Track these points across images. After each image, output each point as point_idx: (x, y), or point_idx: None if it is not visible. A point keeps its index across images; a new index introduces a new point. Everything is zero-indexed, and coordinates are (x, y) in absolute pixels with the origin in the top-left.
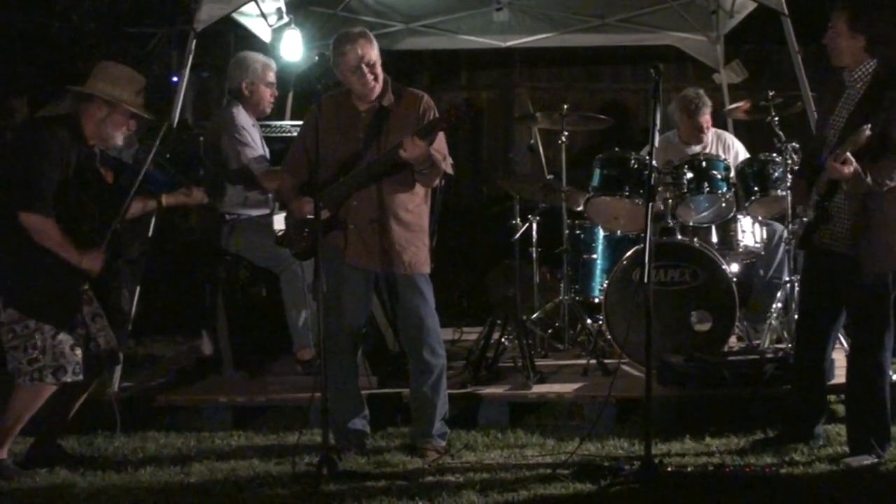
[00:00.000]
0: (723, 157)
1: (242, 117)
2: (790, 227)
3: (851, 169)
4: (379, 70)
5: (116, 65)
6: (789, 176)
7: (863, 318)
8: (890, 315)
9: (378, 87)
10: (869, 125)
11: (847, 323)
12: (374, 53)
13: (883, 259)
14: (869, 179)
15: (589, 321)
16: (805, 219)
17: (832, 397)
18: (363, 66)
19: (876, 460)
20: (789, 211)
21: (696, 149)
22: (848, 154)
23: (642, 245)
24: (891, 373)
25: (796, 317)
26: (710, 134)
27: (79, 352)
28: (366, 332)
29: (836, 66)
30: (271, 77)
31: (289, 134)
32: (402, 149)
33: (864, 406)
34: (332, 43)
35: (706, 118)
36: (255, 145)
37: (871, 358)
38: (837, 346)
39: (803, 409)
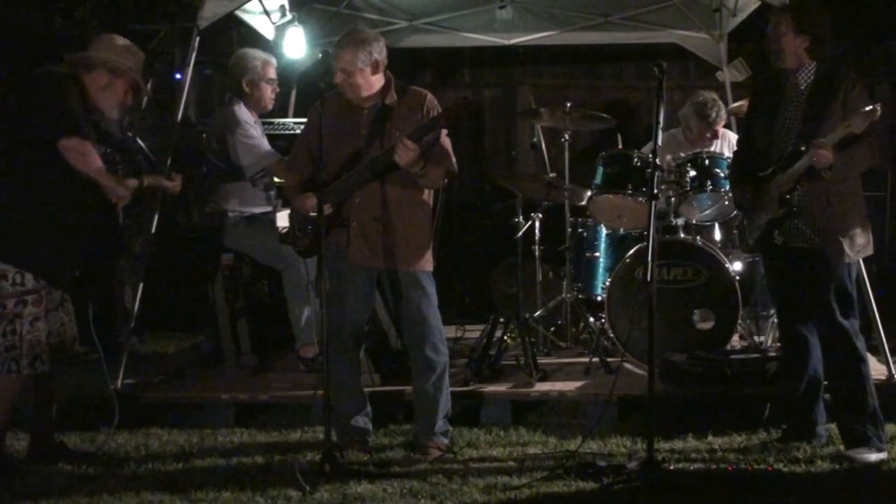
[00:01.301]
0: (726, 154)
1: (244, 114)
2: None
3: (832, 157)
4: (356, 79)
5: (117, 36)
6: None
7: (829, 310)
8: (854, 303)
9: (353, 94)
10: (879, 102)
11: (815, 317)
12: (351, 62)
13: (846, 250)
14: (845, 165)
15: (591, 319)
16: (760, 222)
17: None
18: (338, 70)
19: (877, 452)
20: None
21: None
22: (825, 140)
23: (645, 243)
24: (895, 372)
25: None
26: None
27: (52, 341)
28: (368, 329)
29: (778, 67)
30: (272, 73)
31: (292, 131)
32: (395, 155)
33: (849, 395)
34: None
35: (717, 125)
36: (263, 139)
37: (846, 346)
38: None
39: (802, 409)
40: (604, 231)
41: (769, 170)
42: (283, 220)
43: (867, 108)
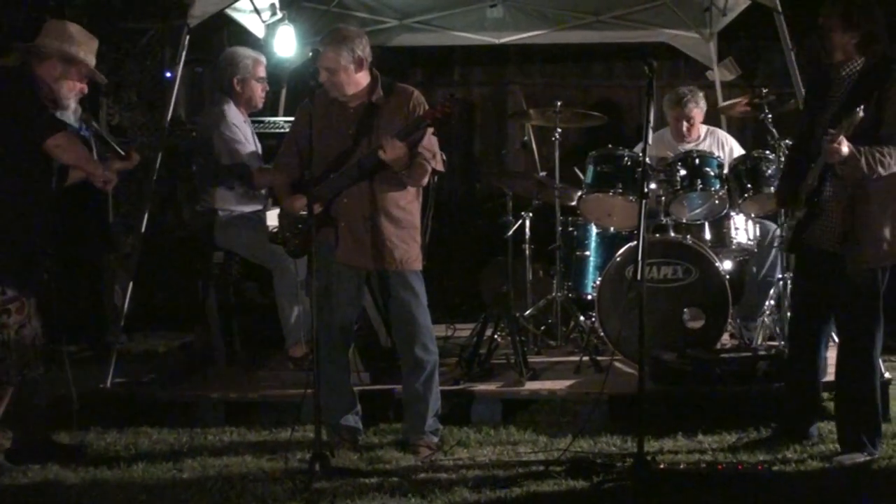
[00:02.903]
0: (716, 154)
1: (233, 114)
2: (779, 231)
3: (846, 150)
4: (340, 77)
5: (69, 23)
6: None
7: (852, 315)
8: (879, 312)
9: (338, 93)
10: (862, 107)
11: (837, 320)
12: (335, 60)
13: (871, 255)
14: (863, 163)
15: (582, 318)
16: (791, 222)
17: (825, 395)
18: (322, 69)
19: (868, 458)
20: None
21: (690, 146)
22: (842, 136)
23: (635, 242)
24: (883, 371)
25: (789, 315)
26: (704, 131)
27: (39, 343)
28: (358, 328)
29: (825, 62)
30: (262, 72)
31: (282, 130)
32: (381, 150)
33: (854, 403)
34: None
35: (692, 111)
36: (247, 142)
37: (861, 355)
38: (831, 344)
39: (797, 408)
40: (594, 230)
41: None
42: (273, 219)
43: (854, 110)
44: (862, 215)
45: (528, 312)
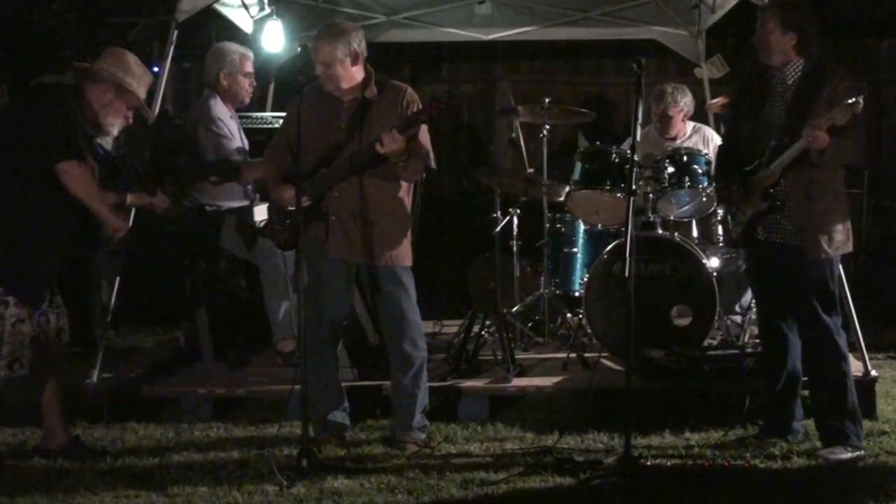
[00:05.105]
0: (703, 151)
1: (219, 109)
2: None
3: (828, 138)
4: (336, 70)
5: (128, 53)
6: None
7: (809, 305)
8: (836, 299)
9: (333, 86)
10: (862, 96)
11: (797, 313)
12: (331, 53)
13: (824, 245)
14: (845, 149)
15: (569, 315)
16: (743, 217)
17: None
18: (318, 63)
19: (853, 451)
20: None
21: (676, 143)
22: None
23: (623, 239)
24: (870, 369)
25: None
26: (690, 128)
27: (35, 344)
28: (346, 324)
29: (764, 63)
30: (249, 67)
31: (270, 125)
32: (379, 143)
33: (828, 392)
34: None
35: (669, 110)
36: (233, 137)
37: (826, 343)
38: None
39: (780, 406)
40: (582, 226)
41: (753, 164)
42: (261, 213)
43: (849, 101)
44: (816, 206)
45: (515, 309)
